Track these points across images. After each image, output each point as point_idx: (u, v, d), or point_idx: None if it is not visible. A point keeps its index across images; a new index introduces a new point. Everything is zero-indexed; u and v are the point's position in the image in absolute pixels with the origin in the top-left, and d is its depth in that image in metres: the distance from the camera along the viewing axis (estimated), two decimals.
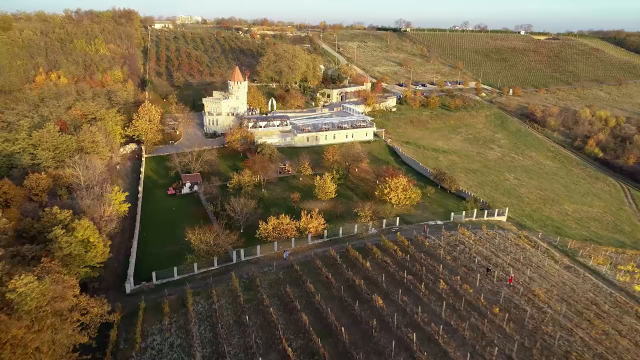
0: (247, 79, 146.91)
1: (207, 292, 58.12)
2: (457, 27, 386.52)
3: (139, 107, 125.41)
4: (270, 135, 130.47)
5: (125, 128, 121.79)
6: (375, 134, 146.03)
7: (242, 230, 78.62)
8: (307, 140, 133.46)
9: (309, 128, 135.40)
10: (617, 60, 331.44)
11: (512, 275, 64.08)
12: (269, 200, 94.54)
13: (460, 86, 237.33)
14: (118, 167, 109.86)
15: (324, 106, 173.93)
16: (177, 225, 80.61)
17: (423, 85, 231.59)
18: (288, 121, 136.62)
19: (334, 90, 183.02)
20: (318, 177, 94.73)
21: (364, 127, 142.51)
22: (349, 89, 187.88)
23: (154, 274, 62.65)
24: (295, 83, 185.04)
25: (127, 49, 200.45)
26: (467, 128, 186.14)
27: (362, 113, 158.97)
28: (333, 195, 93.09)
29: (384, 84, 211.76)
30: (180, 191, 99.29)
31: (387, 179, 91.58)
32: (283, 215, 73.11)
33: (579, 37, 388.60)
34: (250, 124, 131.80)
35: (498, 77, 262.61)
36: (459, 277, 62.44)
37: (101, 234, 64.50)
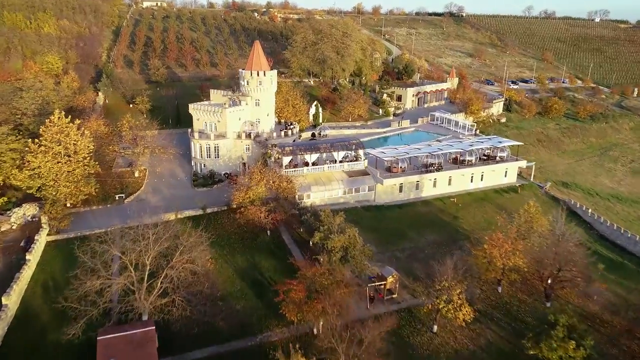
0: (271, 69, 79.58)
1: None
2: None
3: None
4: (327, 184, 61.73)
5: (15, 171, 54.70)
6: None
7: None
8: (400, 192, 64.65)
9: (404, 166, 66.19)
10: None
11: None
12: None
13: (567, 84, 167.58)
14: None
15: (395, 115, 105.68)
16: None
17: (514, 82, 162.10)
18: (362, 152, 66.79)
19: (408, 89, 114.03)
20: None
21: (502, 160, 73.20)
22: (427, 88, 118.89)
23: None
24: (345, 78, 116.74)
25: (89, 27, 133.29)
26: (620, 150, 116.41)
27: (474, 128, 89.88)
28: None
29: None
30: None
31: None
32: None
33: None
34: (286, 159, 62.58)
35: (603, 73, 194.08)
36: None
37: None
